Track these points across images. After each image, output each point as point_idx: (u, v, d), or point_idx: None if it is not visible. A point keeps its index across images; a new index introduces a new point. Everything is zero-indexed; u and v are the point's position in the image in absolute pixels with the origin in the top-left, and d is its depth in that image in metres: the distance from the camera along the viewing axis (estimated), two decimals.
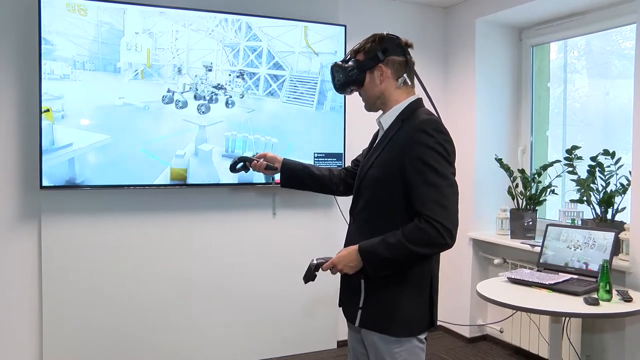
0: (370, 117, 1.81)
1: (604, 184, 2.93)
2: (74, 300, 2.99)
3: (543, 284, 2.49)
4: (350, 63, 1.72)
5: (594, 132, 3.51)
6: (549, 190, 3.36)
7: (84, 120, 2.89)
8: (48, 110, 2.81)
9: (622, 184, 2.90)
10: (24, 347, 2.95)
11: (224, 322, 3.34)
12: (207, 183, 3.18)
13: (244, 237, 3.37)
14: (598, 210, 2.96)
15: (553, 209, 3.65)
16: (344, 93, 1.80)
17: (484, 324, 3.76)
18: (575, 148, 3.06)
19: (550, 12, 3.42)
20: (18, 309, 2.94)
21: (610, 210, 2.92)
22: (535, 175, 3.37)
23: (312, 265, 1.68)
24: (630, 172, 2.82)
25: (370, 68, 1.69)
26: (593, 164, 2.95)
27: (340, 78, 1.73)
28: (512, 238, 3.44)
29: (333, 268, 1.66)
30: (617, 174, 2.91)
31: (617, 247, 2.69)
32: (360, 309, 1.66)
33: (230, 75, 3.20)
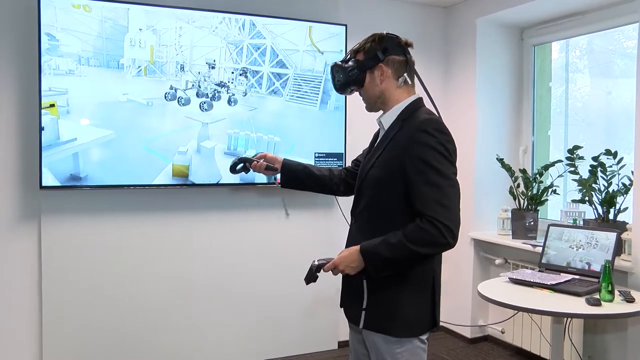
0: (371, 116, 1.80)
1: (606, 184, 2.92)
2: (74, 300, 2.99)
3: (545, 285, 2.48)
4: (350, 63, 1.71)
5: (596, 131, 3.50)
6: (551, 191, 3.35)
7: (89, 116, 2.89)
8: (53, 105, 2.81)
9: (624, 184, 2.89)
10: (24, 347, 2.95)
11: (225, 322, 3.33)
12: (207, 183, 3.17)
13: (245, 237, 3.37)
14: (600, 211, 2.95)
15: (554, 209, 3.63)
16: (344, 93, 1.79)
17: (485, 325, 3.75)
18: (577, 148, 3.05)
19: (552, 11, 3.41)
20: (18, 309, 2.93)
21: (612, 211, 2.91)
22: (537, 175, 3.36)
23: (313, 266, 1.67)
24: (633, 172, 2.80)
25: (371, 68, 1.69)
26: (595, 164, 2.94)
27: (341, 78, 1.72)
28: (513, 238, 3.43)
29: (335, 269, 1.65)
30: (619, 174, 2.90)
31: (619, 247, 2.68)
32: (364, 310, 1.65)
33: (234, 73, 3.20)
